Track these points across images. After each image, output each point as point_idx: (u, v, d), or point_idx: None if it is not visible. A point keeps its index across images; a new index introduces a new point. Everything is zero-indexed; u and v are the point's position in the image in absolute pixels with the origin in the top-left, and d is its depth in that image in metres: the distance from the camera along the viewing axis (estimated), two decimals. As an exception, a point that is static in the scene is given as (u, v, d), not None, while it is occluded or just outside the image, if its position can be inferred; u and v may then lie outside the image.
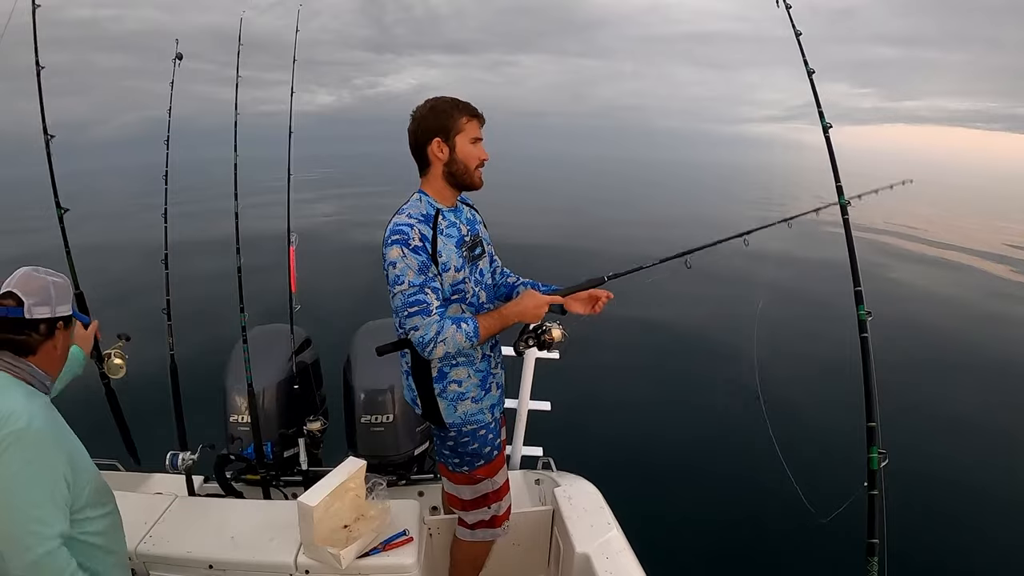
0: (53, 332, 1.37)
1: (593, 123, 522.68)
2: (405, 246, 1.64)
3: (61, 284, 1.40)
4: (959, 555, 3.60)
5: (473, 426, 1.89)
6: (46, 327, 1.35)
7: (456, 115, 1.72)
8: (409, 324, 1.67)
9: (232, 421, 2.65)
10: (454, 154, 1.73)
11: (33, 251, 2.92)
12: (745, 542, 3.66)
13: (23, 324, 1.32)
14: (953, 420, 5.38)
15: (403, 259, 1.64)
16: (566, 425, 3.41)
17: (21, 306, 1.31)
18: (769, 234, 2.07)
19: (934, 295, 10.13)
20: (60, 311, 1.38)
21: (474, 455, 1.92)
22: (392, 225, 1.69)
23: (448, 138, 1.72)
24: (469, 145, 1.75)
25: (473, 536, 2.05)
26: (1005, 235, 17.91)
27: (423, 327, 1.65)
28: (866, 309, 1.65)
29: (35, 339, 1.34)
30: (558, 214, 16.34)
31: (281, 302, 2.93)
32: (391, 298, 1.70)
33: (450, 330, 1.66)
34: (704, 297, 9.28)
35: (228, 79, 2.99)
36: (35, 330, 1.34)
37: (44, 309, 1.34)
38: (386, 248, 1.67)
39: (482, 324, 1.72)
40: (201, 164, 10.59)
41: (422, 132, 1.73)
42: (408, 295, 1.65)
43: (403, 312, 1.67)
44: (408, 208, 1.74)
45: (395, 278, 1.66)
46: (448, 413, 1.85)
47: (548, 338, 1.85)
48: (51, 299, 1.35)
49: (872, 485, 1.51)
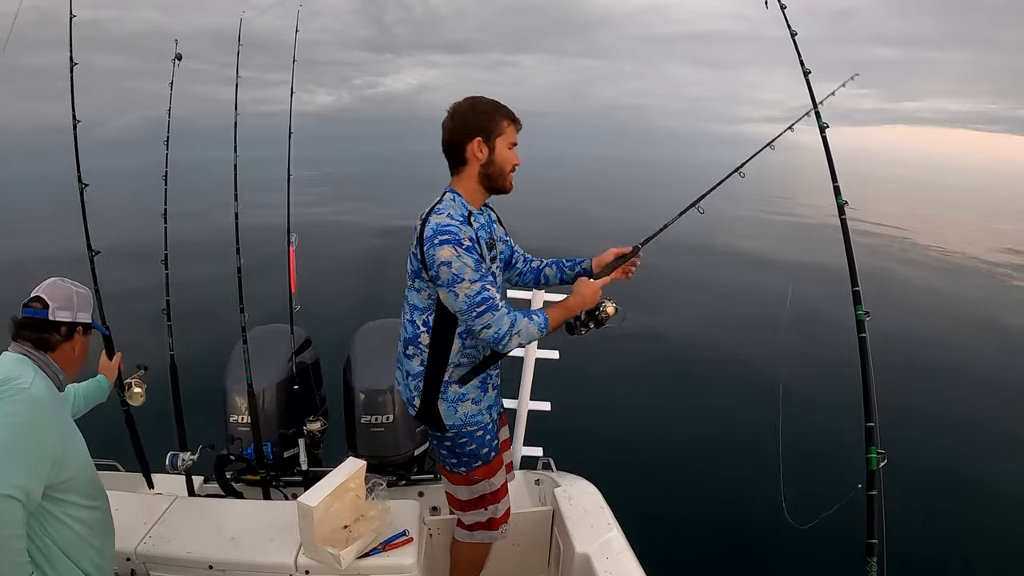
0: (72, 335, 1.56)
1: (593, 123, 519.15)
2: (458, 245, 1.62)
3: (83, 295, 1.60)
4: (959, 555, 3.61)
5: (472, 427, 1.89)
6: (66, 329, 1.54)
7: (498, 117, 1.72)
8: (480, 323, 1.66)
9: (232, 421, 2.65)
10: (492, 156, 1.73)
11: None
12: (744, 542, 3.66)
13: (46, 324, 1.51)
14: (953, 420, 5.39)
15: (458, 259, 1.62)
16: (566, 425, 3.41)
17: (46, 309, 1.51)
18: (771, 236, 2.07)
19: (932, 297, 10.14)
20: (81, 317, 1.57)
21: (471, 456, 1.91)
22: (435, 225, 1.65)
23: (489, 139, 1.72)
24: (507, 149, 1.75)
25: (471, 538, 2.05)
26: (1003, 238, 17.93)
27: (495, 323, 1.66)
28: (864, 309, 1.65)
29: (56, 339, 1.52)
30: (559, 215, 16.34)
31: (281, 302, 2.93)
32: (449, 298, 1.66)
33: (523, 322, 1.70)
34: (704, 298, 9.29)
35: (229, 79, 2.98)
36: (56, 331, 1.52)
37: (66, 313, 1.53)
38: (434, 249, 1.63)
39: (551, 315, 1.77)
40: (201, 164, 10.57)
41: (462, 130, 1.72)
42: (473, 295, 1.64)
43: (471, 313, 1.65)
44: (446, 208, 1.71)
45: (452, 278, 1.63)
46: (448, 415, 1.85)
47: (604, 315, 1.86)
48: (73, 305, 1.55)
49: (871, 485, 1.50)
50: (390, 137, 62.35)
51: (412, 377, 1.85)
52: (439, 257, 1.62)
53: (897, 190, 15.51)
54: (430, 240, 1.64)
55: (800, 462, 1.95)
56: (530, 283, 2.09)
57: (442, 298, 1.70)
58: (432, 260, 1.64)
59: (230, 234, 2.89)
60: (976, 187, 48.81)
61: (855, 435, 1.58)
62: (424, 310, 1.77)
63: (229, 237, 2.89)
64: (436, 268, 1.64)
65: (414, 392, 1.86)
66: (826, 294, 3.87)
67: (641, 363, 6.52)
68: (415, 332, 1.80)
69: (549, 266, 2.07)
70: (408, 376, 1.87)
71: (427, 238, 1.65)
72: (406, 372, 1.87)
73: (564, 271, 2.05)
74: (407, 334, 1.84)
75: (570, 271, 2.04)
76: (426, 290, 1.75)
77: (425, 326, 1.78)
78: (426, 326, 1.78)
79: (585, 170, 41.84)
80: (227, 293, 2.97)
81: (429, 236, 1.65)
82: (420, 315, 1.78)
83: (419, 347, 1.81)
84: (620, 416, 5.24)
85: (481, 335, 1.68)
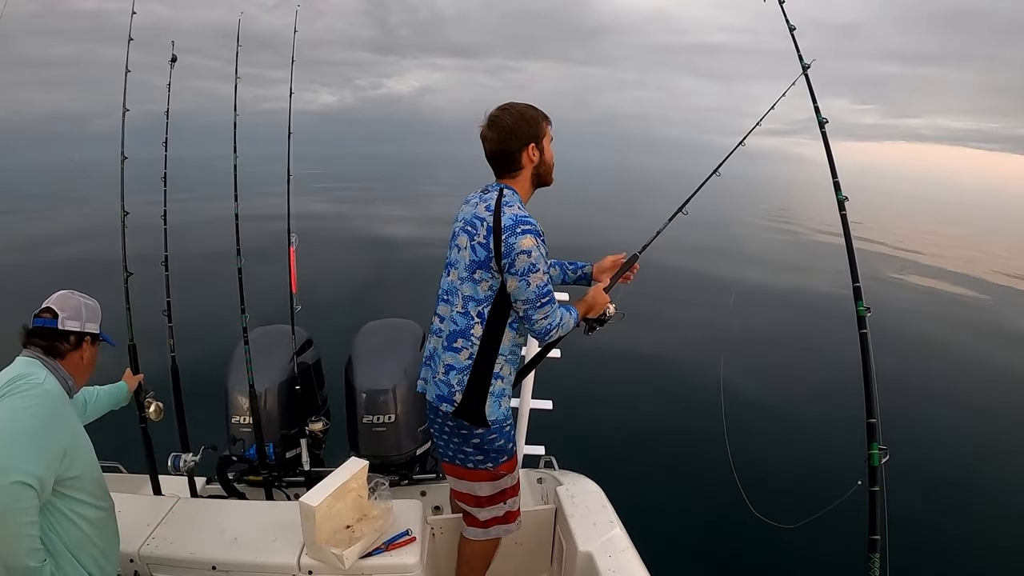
0: (81, 344, 1.62)
1: (595, 131, 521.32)
2: (537, 236, 1.72)
3: (92, 307, 1.67)
4: (961, 551, 3.60)
5: (506, 423, 1.94)
6: (75, 338, 1.60)
7: (543, 122, 1.84)
8: (540, 314, 1.77)
9: (234, 422, 2.65)
10: (543, 156, 1.85)
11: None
12: (747, 539, 3.66)
13: (56, 333, 1.57)
14: (953, 419, 5.38)
15: (537, 248, 1.71)
16: (568, 424, 3.41)
17: (56, 318, 1.57)
18: (772, 241, 2.09)
19: (932, 313, 10.14)
20: (89, 327, 1.64)
21: (499, 451, 1.94)
22: (515, 215, 1.73)
23: (539, 143, 1.83)
24: (550, 148, 1.88)
25: (486, 535, 2.06)
26: (1001, 258, 17.96)
27: (551, 315, 1.79)
28: (865, 305, 1.64)
29: (64, 347, 1.59)
30: (560, 222, 16.39)
31: (282, 303, 2.93)
32: (520, 285, 1.73)
33: (567, 316, 1.86)
34: (704, 298, 9.28)
35: (231, 75, 2.99)
36: (65, 340, 1.59)
37: (75, 323, 1.60)
38: (515, 237, 1.70)
39: (578, 309, 1.94)
40: (202, 161, 10.62)
41: (517, 139, 1.80)
42: (542, 285, 1.74)
43: (536, 303, 1.75)
44: (516, 201, 1.81)
45: (530, 266, 1.71)
46: (493, 410, 1.87)
47: (608, 316, 2.06)
48: (82, 316, 1.62)
49: (873, 481, 1.50)
50: (392, 138, 62.34)
51: (456, 371, 1.83)
52: (521, 246, 1.70)
53: (900, 207, 15.34)
54: (511, 229, 1.71)
55: (800, 462, 1.95)
56: None
57: (510, 286, 1.74)
58: (512, 248, 1.70)
59: (230, 234, 2.89)
60: (978, 205, 48.83)
61: (857, 432, 1.58)
62: (481, 301, 1.79)
63: (229, 237, 2.89)
64: (514, 256, 1.70)
65: (456, 387, 1.84)
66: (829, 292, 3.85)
67: (641, 362, 6.52)
68: (467, 324, 1.81)
69: (554, 266, 2.14)
70: (450, 371, 1.84)
71: (507, 227, 1.71)
72: (448, 367, 1.85)
73: (567, 273, 2.18)
74: (456, 327, 1.83)
75: (572, 274, 2.18)
76: (488, 280, 1.77)
77: (480, 317, 1.80)
78: (480, 318, 1.80)
79: (587, 178, 41.83)
80: (228, 294, 2.97)
81: (510, 225, 1.71)
82: (476, 306, 1.80)
83: (470, 339, 1.81)
84: (622, 414, 5.24)
85: (536, 325, 1.78)
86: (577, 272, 2.18)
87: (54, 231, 12.50)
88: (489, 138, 1.81)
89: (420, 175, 37.75)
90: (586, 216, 19.05)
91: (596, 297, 2.01)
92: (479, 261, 1.76)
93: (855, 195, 1.91)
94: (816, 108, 2.00)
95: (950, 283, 12.30)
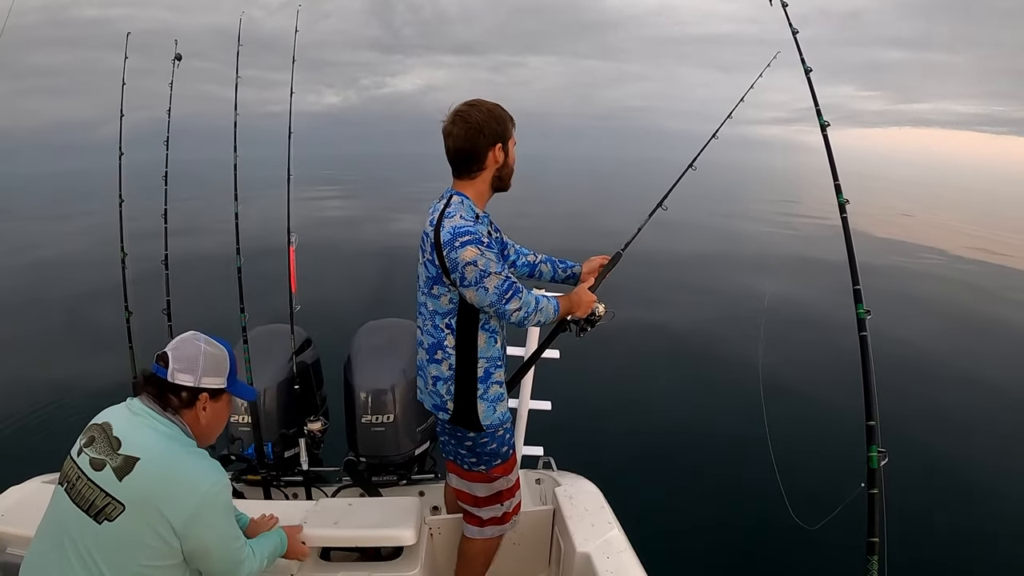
0: (194, 402, 1.38)
1: (600, 124, 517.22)
2: (479, 244, 1.67)
3: (214, 355, 1.41)
4: (959, 554, 3.60)
5: (502, 427, 1.93)
6: (188, 395, 1.37)
7: (510, 123, 1.79)
8: (510, 308, 1.73)
9: (233, 421, 2.65)
10: (507, 159, 1.81)
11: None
12: (746, 540, 3.66)
13: (165, 385, 1.36)
14: (954, 419, 5.38)
15: (482, 256, 1.66)
16: (567, 425, 3.41)
17: (167, 368, 1.36)
18: (771, 241, 2.09)
19: (935, 298, 10.13)
20: (206, 383, 1.39)
21: (492, 455, 1.94)
22: (453, 229, 1.67)
23: (506, 144, 1.79)
24: (514, 152, 1.83)
25: (482, 534, 2.07)
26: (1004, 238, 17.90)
27: (523, 304, 1.75)
28: (865, 308, 1.65)
29: (175, 402, 1.37)
30: (564, 216, 16.40)
31: (281, 302, 2.92)
32: (479, 294, 1.69)
33: (544, 302, 1.83)
34: (704, 298, 9.28)
35: (234, 78, 3.00)
36: (176, 394, 1.37)
37: (187, 377, 1.37)
38: (456, 252, 1.65)
39: (561, 303, 1.90)
40: (204, 163, 10.62)
41: (483, 137, 1.74)
42: (500, 284, 1.70)
43: (501, 302, 1.71)
44: (456, 211, 1.73)
45: (480, 274, 1.67)
46: (487, 415, 1.87)
47: (597, 317, 2.03)
48: (197, 368, 1.38)
49: (872, 484, 1.50)
50: (395, 137, 62.45)
51: (443, 382, 1.85)
52: (463, 258, 1.65)
53: (906, 192, 15.30)
54: (450, 244, 1.66)
55: (801, 461, 1.95)
56: (525, 275, 2.14)
57: (468, 297, 1.72)
58: (456, 263, 1.66)
59: (230, 234, 2.89)
60: (985, 189, 48.74)
61: (856, 434, 1.58)
62: (446, 314, 1.79)
63: (229, 237, 2.89)
64: (461, 269, 1.66)
65: (446, 396, 1.86)
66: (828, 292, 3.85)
67: (642, 363, 6.51)
68: (440, 336, 1.81)
69: (544, 263, 2.15)
70: (437, 382, 1.86)
71: (446, 243, 1.67)
72: (434, 378, 1.87)
73: (557, 271, 2.16)
74: (431, 340, 1.84)
75: (563, 272, 2.16)
76: (447, 294, 1.76)
77: (449, 328, 1.79)
78: (450, 328, 1.79)
79: (592, 171, 41.86)
80: (227, 293, 2.97)
81: (448, 240, 1.67)
82: (443, 319, 1.79)
83: (446, 350, 1.81)
84: (621, 415, 5.23)
85: (512, 317, 1.76)
86: (567, 271, 2.16)
87: (53, 255, 12.34)
88: (455, 135, 1.73)
89: (423, 174, 37.80)
90: (586, 208, 19.03)
91: (581, 296, 1.97)
92: (432, 277, 1.76)
93: (863, 182, 1.89)
94: (818, 111, 2.00)
95: (952, 271, 12.27)
